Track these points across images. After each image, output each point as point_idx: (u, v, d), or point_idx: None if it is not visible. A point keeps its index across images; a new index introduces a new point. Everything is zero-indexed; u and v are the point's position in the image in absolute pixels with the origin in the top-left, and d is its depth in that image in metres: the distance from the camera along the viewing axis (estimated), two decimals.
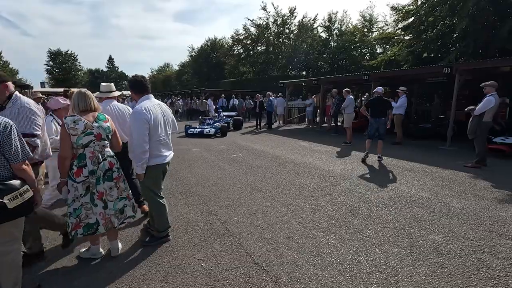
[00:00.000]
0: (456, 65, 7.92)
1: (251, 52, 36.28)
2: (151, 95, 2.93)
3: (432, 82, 11.67)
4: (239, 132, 12.67)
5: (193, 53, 47.12)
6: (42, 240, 2.79)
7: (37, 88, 32.51)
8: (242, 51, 37.19)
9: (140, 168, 2.74)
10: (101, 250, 2.79)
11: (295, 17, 34.95)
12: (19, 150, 1.89)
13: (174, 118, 3.17)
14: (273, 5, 45.00)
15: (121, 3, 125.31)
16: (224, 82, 34.29)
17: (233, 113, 15.66)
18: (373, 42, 29.63)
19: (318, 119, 14.92)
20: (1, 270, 1.94)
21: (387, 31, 23.71)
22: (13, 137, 1.86)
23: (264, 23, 34.65)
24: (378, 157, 6.61)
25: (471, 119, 6.05)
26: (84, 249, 2.82)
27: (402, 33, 17.26)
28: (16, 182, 1.87)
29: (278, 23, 34.68)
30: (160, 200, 2.99)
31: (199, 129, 11.16)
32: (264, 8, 33.95)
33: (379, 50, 30.41)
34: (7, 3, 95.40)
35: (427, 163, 6.34)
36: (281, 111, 15.89)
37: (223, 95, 18.46)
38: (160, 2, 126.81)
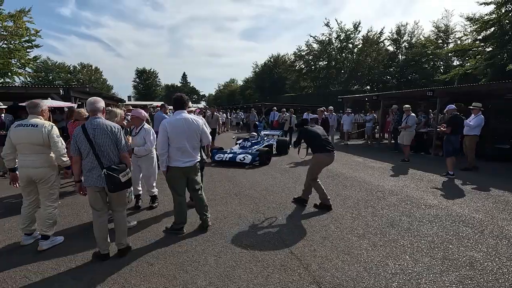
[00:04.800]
0: None
1: (313, 67, 36.66)
2: (184, 111, 3.56)
3: None
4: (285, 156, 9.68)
5: (257, 69, 49.67)
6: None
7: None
8: (303, 66, 37.85)
9: (161, 166, 3.51)
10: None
11: (360, 31, 34.28)
12: (125, 144, 3.01)
13: (205, 131, 3.69)
14: (336, 21, 44.85)
15: (193, 25, 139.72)
16: (285, 97, 35.30)
17: (277, 132, 12.37)
18: (448, 55, 27.19)
19: (377, 135, 14.46)
20: (117, 222, 3.07)
21: (464, 43, 21.65)
22: (122, 135, 2.99)
23: (327, 39, 34.80)
24: (452, 174, 6.73)
25: None
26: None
27: (481, 44, 15.68)
28: (123, 165, 2.93)
29: (341, 38, 34.44)
30: (178, 197, 3.55)
31: (231, 155, 8.22)
32: (327, 25, 34.30)
33: (456, 63, 27.75)
34: (107, 31, 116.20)
35: (494, 186, 5.88)
36: (348, 128, 14.18)
37: (274, 107, 17.26)
38: (228, 22, 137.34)
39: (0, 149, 3.61)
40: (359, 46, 34.52)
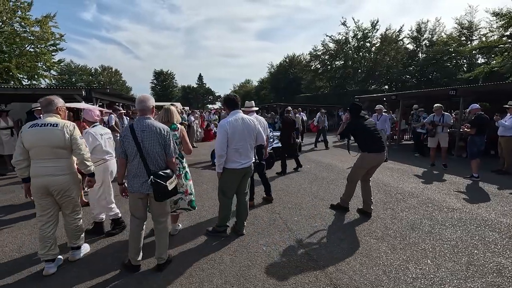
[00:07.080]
0: None
1: (329, 67, 36.09)
2: (239, 111, 3.43)
3: None
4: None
5: (272, 70, 49.58)
6: None
7: None
8: (319, 66, 37.35)
9: (217, 168, 3.33)
10: (176, 227, 3.67)
11: (377, 30, 33.40)
12: (173, 148, 2.73)
13: (260, 131, 3.57)
14: (353, 19, 43.94)
15: (209, 27, 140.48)
16: (300, 97, 35.02)
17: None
18: (473, 52, 26.00)
19: (395, 136, 14.06)
20: (160, 234, 2.81)
21: (490, 39, 20.63)
22: (172, 139, 2.72)
23: (344, 38, 34.17)
24: (477, 176, 6.49)
25: None
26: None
27: (509, 40, 14.88)
28: (170, 171, 2.68)
29: (359, 37, 33.72)
30: (226, 201, 3.45)
31: None
32: (344, 24, 33.65)
33: (480, 61, 26.54)
34: (126, 34, 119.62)
35: None
36: (388, 132, 10.31)
37: (289, 107, 17.07)
38: (244, 23, 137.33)
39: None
40: (377, 45, 33.63)
